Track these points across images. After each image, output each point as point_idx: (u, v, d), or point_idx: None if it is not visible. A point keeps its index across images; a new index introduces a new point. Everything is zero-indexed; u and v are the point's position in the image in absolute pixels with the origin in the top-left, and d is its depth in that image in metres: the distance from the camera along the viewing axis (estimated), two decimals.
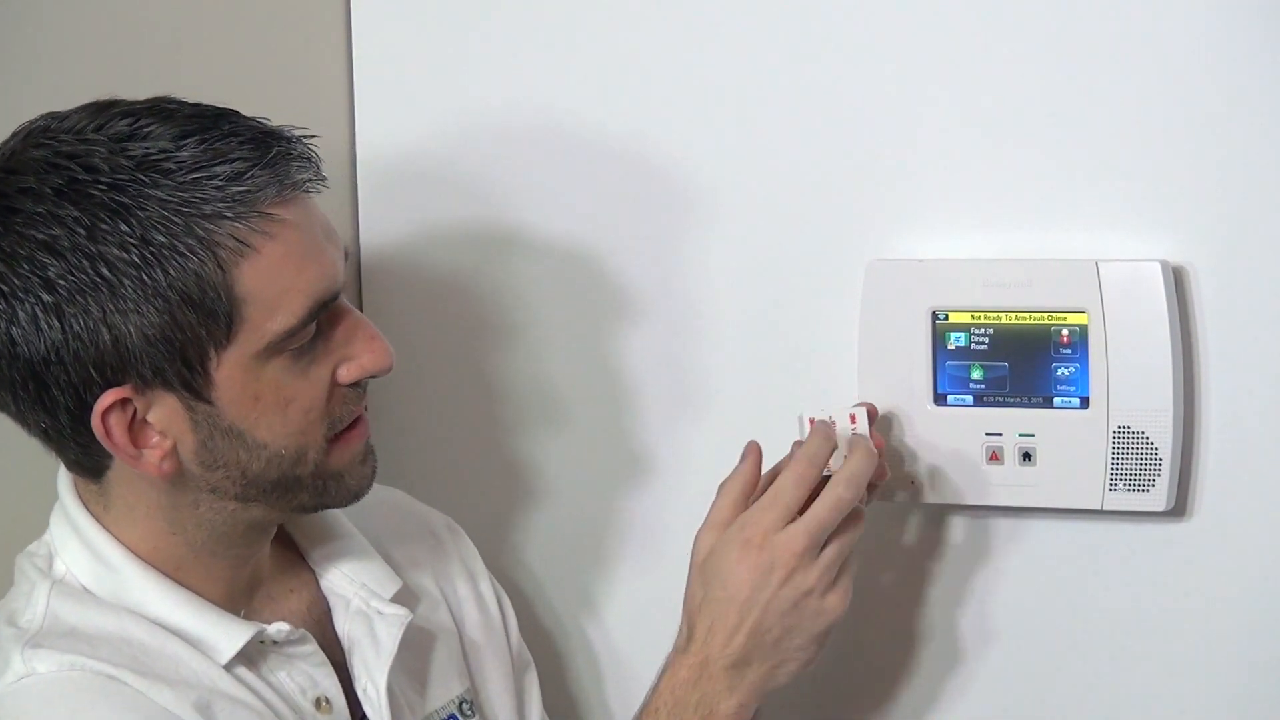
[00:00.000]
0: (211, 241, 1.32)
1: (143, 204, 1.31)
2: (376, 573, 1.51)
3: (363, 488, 1.45)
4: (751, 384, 1.70)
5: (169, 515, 1.41)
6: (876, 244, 1.62)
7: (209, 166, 1.33)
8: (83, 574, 1.40)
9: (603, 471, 1.76)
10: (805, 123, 1.65)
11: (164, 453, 1.36)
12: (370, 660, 1.47)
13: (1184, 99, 1.52)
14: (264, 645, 1.42)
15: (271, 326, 1.35)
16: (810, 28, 1.64)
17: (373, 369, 1.41)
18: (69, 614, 1.38)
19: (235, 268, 1.33)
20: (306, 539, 1.52)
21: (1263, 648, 1.55)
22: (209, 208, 1.32)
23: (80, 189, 1.32)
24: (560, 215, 1.75)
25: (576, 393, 1.77)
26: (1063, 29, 1.55)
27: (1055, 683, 1.63)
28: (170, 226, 1.31)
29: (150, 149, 1.32)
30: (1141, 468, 1.53)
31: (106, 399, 1.34)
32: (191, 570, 1.42)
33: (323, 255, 1.38)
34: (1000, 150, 1.58)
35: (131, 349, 1.33)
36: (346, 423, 1.42)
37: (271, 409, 1.37)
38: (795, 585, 1.47)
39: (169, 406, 1.35)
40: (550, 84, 1.74)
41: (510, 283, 1.77)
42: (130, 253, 1.31)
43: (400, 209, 1.81)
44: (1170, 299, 1.52)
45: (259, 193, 1.33)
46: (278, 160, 1.34)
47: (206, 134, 1.34)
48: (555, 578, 1.81)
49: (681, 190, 1.70)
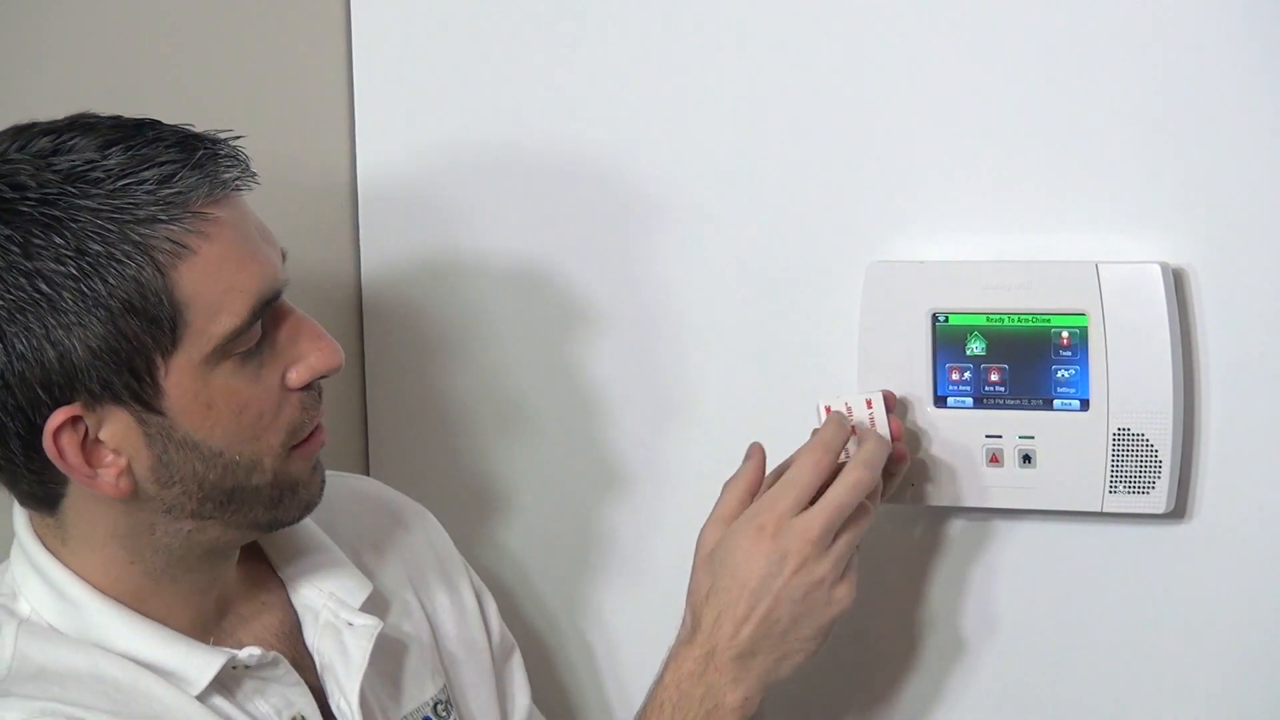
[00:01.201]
0: (148, 246, 1.31)
1: (74, 215, 1.30)
2: (346, 581, 1.50)
3: (314, 499, 1.43)
4: (752, 387, 1.70)
5: (126, 543, 1.38)
6: (876, 246, 1.62)
7: (137, 172, 1.31)
8: (47, 612, 1.38)
9: (595, 480, 1.77)
10: (805, 125, 1.65)
11: (119, 470, 1.34)
12: (341, 676, 1.45)
13: (1184, 99, 1.52)
14: (236, 671, 1.40)
15: (216, 329, 1.33)
16: (810, 31, 1.64)
17: (321, 368, 1.40)
18: (37, 653, 1.36)
19: (174, 270, 1.32)
20: (274, 549, 1.50)
21: (1263, 649, 1.55)
22: (142, 212, 1.31)
23: (9, 206, 1.30)
24: (558, 217, 1.75)
25: (567, 401, 1.77)
26: (1062, 30, 1.55)
27: (1056, 685, 1.62)
28: (105, 235, 1.30)
29: (76, 161, 1.31)
30: (1141, 470, 1.53)
31: (57, 418, 1.32)
32: (154, 600, 1.40)
33: (260, 254, 1.36)
34: (1000, 152, 1.58)
35: (77, 364, 1.31)
36: (307, 431, 1.40)
37: (225, 416, 1.35)
38: (807, 574, 1.46)
39: (121, 423, 1.34)
40: (550, 92, 1.74)
41: (504, 297, 1.77)
42: (67, 265, 1.30)
43: (400, 229, 1.81)
44: (1170, 301, 1.52)
45: (190, 193, 1.32)
46: (205, 161, 1.33)
47: (131, 141, 1.32)
48: (535, 589, 1.81)
49: (682, 195, 1.70)
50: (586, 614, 1.79)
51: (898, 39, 1.61)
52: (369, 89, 1.81)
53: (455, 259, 1.78)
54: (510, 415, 1.79)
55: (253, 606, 1.47)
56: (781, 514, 1.47)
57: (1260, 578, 1.55)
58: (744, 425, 1.67)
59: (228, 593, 1.46)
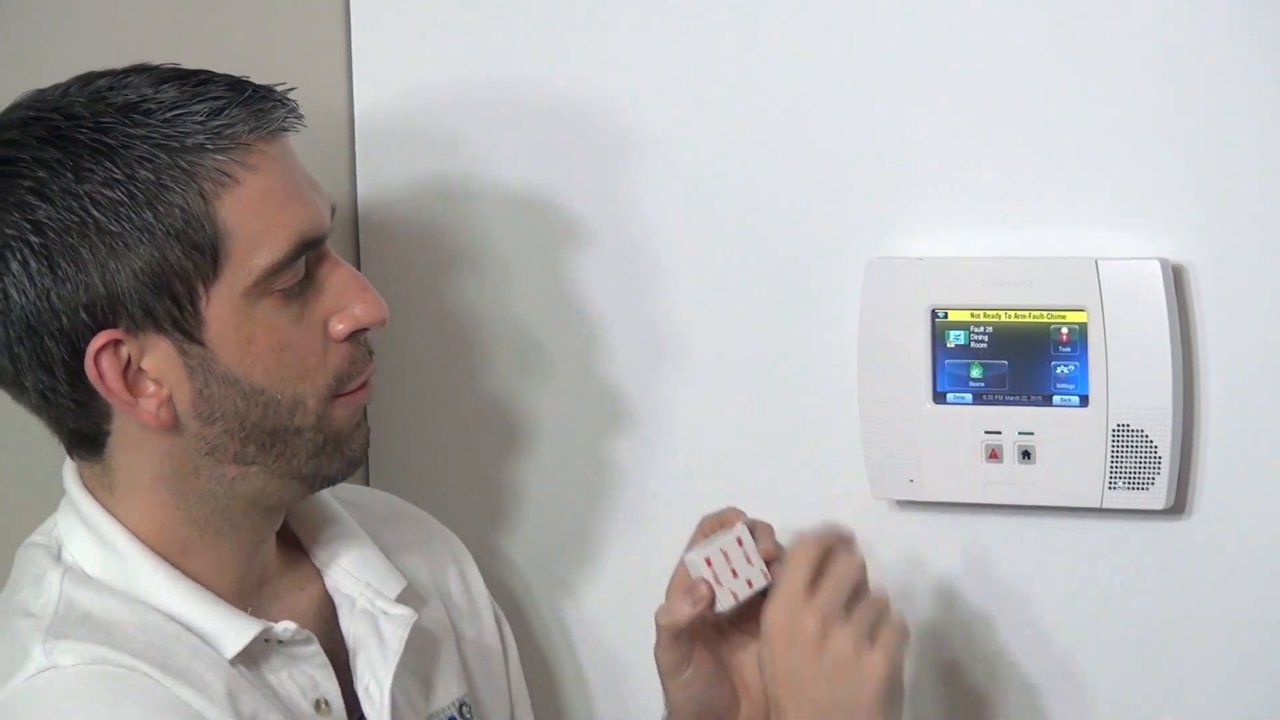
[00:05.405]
0: (195, 174, 1.35)
1: (126, 143, 1.34)
2: (381, 572, 1.51)
3: (356, 456, 1.45)
4: (752, 388, 1.70)
5: (170, 486, 1.40)
6: (876, 242, 1.62)
7: (188, 105, 1.35)
8: (90, 563, 1.40)
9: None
10: (804, 120, 1.65)
11: (160, 400, 1.37)
12: (375, 659, 1.47)
13: (1184, 98, 1.52)
14: (268, 644, 1.41)
15: (256, 262, 1.36)
16: (809, 25, 1.64)
17: (365, 320, 1.42)
18: (83, 599, 1.38)
19: (218, 199, 1.35)
20: (312, 538, 1.52)
21: (1262, 646, 1.55)
22: (190, 140, 1.35)
23: (63, 134, 1.34)
24: (556, 221, 1.75)
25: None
26: (1062, 26, 1.55)
27: (1055, 681, 1.62)
28: (155, 161, 1.34)
29: (130, 95, 1.36)
30: (1141, 466, 1.53)
31: (99, 340, 1.35)
32: (198, 555, 1.42)
33: (305, 196, 1.40)
34: (1000, 148, 1.58)
35: (122, 287, 1.34)
36: (354, 384, 1.43)
37: (266, 353, 1.38)
38: (830, 652, 1.42)
39: (163, 352, 1.36)
40: (547, 89, 1.74)
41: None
42: (116, 190, 1.33)
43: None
44: (1169, 297, 1.52)
45: (238, 126, 1.36)
46: (254, 99, 1.37)
47: (184, 80, 1.37)
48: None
49: (680, 189, 1.70)
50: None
51: (898, 35, 1.61)
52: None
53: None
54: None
55: (289, 585, 1.50)
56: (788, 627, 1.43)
57: (1259, 573, 1.55)
58: (744, 427, 1.67)
59: (268, 567, 1.48)
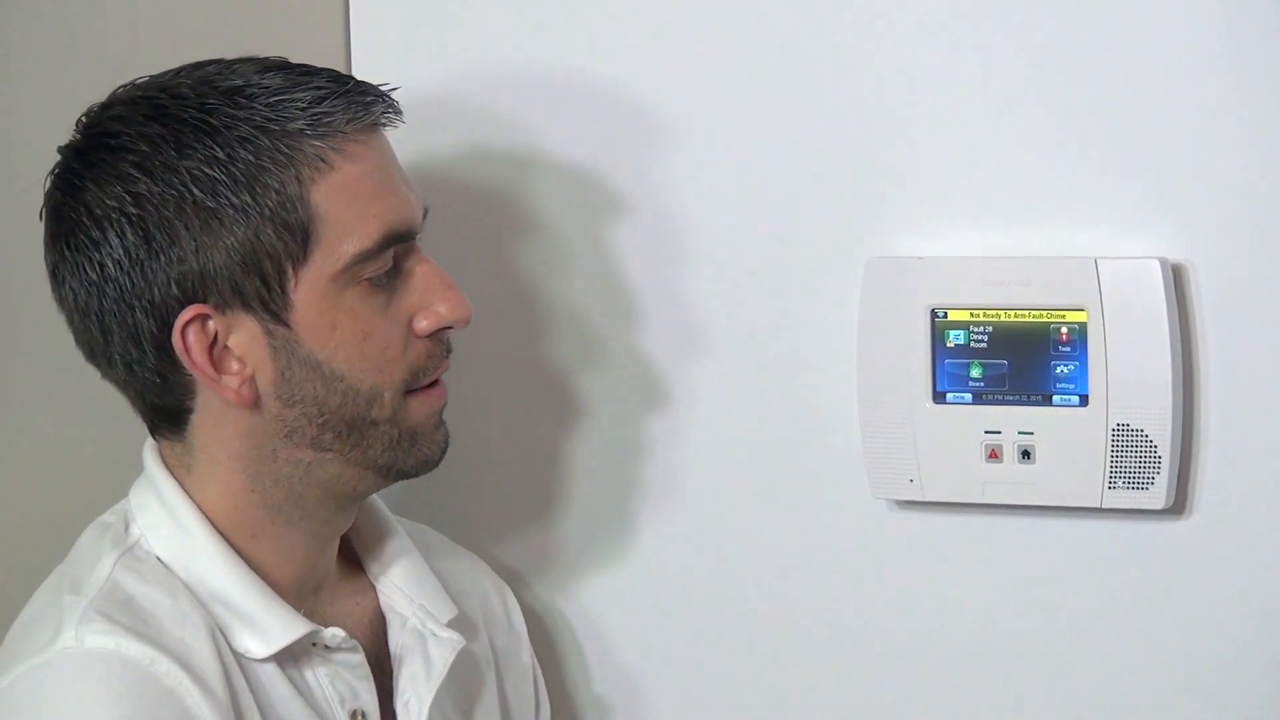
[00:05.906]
0: (293, 157, 1.39)
1: (229, 124, 1.38)
2: (434, 595, 1.53)
3: (432, 457, 1.47)
4: (751, 388, 1.69)
5: (248, 467, 1.42)
6: (875, 242, 1.62)
7: (291, 92, 1.39)
8: (156, 539, 1.42)
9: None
10: (804, 119, 1.65)
11: (243, 379, 1.40)
12: (419, 676, 1.48)
13: (1184, 97, 1.52)
14: (314, 648, 1.43)
15: (345, 248, 1.39)
16: (809, 24, 1.64)
17: (450, 318, 1.45)
18: (130, 585, 1.39)
19: (313, 183, 1.39)
20: (371, 555, 1.54)
21: (1262, 646, 1.55)
22: (291, 125, 1.39)
23: (168, 112, 1.39)
24: (554, 221, 1.75)
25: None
26: (1062, 26, 1.55)
27: (1054, 681, 1.62)
28: (255, 144, 1.38)
29: (236, 80, 1.40)
30: (1140, 465, 1.53)
31: (187, 314, 1.38)
32: (267, 539, 1.44)
33: (398, 190, 1.43)
34: (999, 148, 1.58)
35: (214, 263, 1.38)
36: (429, 378, 1.45)
37: (349, 339, 1.41)
38: None
39: (248, 331, 1.39)
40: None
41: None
42: (216, 169, 1.37)
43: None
44: (1169, 296, 1.52)
45: (338, 114, 1.40)
46: (354, 91, 1.41)
47: (289, 70, 1.41)
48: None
49: (680, 189, 1.70)
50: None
51: (897, 35, 1.61)
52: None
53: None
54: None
55: (344, 594, 1.51)
56: None
57: (1259, 573, 1.55)
58: (744, 426, 1.67)
59: (327, 573, 1.50)
